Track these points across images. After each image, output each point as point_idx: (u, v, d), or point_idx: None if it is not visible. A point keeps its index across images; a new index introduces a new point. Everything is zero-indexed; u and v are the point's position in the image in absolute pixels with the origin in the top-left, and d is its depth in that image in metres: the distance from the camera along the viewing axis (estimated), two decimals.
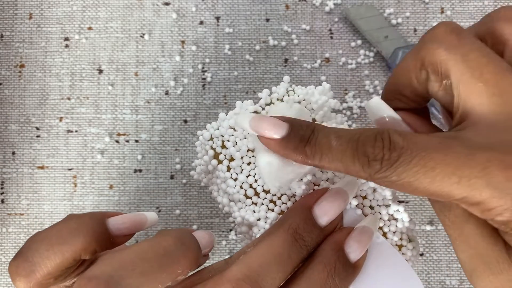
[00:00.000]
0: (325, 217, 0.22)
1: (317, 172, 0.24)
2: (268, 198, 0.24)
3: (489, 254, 0.20)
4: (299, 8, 0.38)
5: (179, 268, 0.21)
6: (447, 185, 0.18)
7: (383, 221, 0.25)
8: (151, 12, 0.38)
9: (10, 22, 0.38)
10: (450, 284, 0.35)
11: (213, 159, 0.25)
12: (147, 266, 0.20)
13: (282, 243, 0.21)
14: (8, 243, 0.36)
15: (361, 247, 0.22)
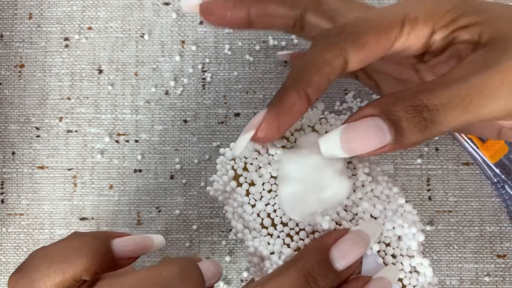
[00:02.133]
0: (343, 261, 0.21)
1: (341, 211, 0.23)
2: (286, 231, 0.23)
3: None
4: None
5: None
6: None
7: (404, 273, 0.23)
8: (151, 12, 0.38)
9: (10, 22, 0.38)
10: (450, 284, 0.35)
11: (233, 180, 0.24)
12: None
13: (293, 285, 0.20)
14: (8, 243, 0.36)
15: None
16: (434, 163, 0.37)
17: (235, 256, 0.36)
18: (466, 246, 0.36)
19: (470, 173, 0.36)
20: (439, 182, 0.36)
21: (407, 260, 0.23)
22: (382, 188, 0.24)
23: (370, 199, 0.23)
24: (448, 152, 0.37)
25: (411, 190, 0.36)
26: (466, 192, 0.36)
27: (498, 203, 0.36)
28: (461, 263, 0.36)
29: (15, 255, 0.36)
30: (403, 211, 0.24)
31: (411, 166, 0.37)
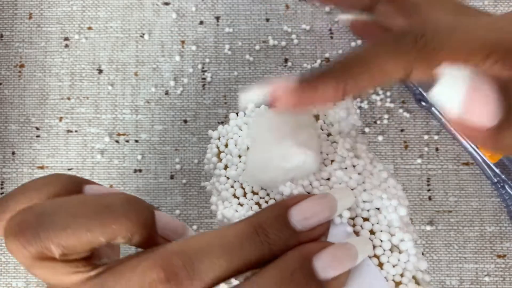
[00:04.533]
0: (301, 219, 0.19)
1: (314, 181, 0.22)
2: (255, 199, 0.22)
3: None
4: (299, 8, 0.38)
5: (115, 224, 0.19)
6: None
7: (383, 250, 0.21)
8: (151, 12, 0.38)
9: (10, 22, 0.38)
10: (450, 284, 0.35)
11: (215, 157, 0.24)
12: (81, 209, 0.19)
13: (237, 232, 0.19)
14: None
15: (335, 266, 0.19)
16: (434, 163, 0.36)
17: None
18: (466, 246, 0.36)
19: (470, 173, 0.36)
20: (439, 182, 0.36)
21: (386, 235, 0.21)
22: (364, 164, 0.23)
23: (349, 172, 0.22)
24: (448, 152, 0.37)
25: (411, 190, 0.36)
26: (466, 192, 0.36)
27: (498, 203, 0.36)
28: (461, 263, 0.36)
29: None
30: (387, 187, 0.22)
31: (411, 166, 0.37)
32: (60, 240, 0.19)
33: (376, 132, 0.37)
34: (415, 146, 0.37)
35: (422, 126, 0.37)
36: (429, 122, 0.37)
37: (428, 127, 0.37)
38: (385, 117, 0.37)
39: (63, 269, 0.19)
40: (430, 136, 0.37)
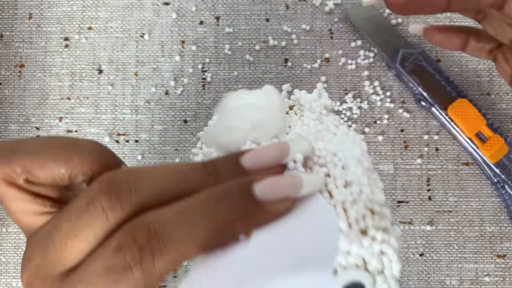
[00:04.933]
0: (251, 157, 0.20)
1: (274, 139, 0.22)
2: None
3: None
4: (299, 8, 0.38)
5: (77, 158, 0.20)
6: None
7: (336, 186, 0.20)
8: (151, 12, 0.38)
9: (10, 22, 0.38)
10: (450, 284, 0.35)
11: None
12: (50, 142, 0.21)
13: (188, 165, 0.19)
14: (8, 243, 0.36)
15: (275, 189, 0.19)
16: (434, 163, 0.36)
17: None
18: (466, 246, 0.36)
19: (470, 173, 0.36)
20: (439, 182, 0.36)
21: (340, 171, 0.20)
22: (328, 127, 0.23)
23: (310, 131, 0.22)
24: (448, 152, 0.37)
25: (411, 190, 0.36)
26: (466, 192, 0.36)
27: (498, 203, 0.36)
28: (461, 263, 0.36)
29: (15, 255, 0.36)
30: (345, 135, 0.22)
31: (411, 166, 0.37)
32: (26, 164, 0.20)
33: (376, 132, 0.37)
34: (415, 146, 0.37)
35: (422, 126, 0.37)
36: (429, 122, 0.37)
37: (428, 127, 0.37)
38: (385, 117, 0.37)
39: (30, 204, 0.21)
40: (430, 136, 0.37)
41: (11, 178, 0.21)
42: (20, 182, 0.21)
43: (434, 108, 0.36)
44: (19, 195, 0.21)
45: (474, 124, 0.35)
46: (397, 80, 0.37)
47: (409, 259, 0.36)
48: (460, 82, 0.37)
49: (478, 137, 0.35)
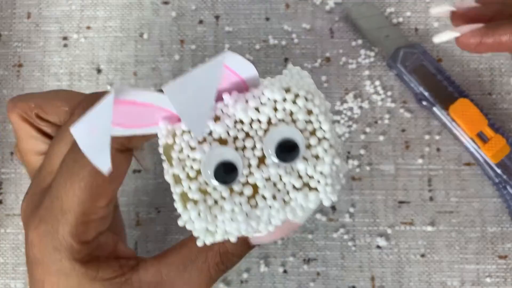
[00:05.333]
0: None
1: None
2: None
3: None
4: (299, 7, 0.38)
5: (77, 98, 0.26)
6: None
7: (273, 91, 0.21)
8: (150, 11, 0.38)
9: (8, 22, 0.38)
10: (451, 285, 0.35)
11: None
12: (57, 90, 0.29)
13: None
14: (6, 243, 0.36)
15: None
16: (436, 163, 0.36)
17: None
18: (468, 247, 0.36)
19: (471, 174, 0.36)
20: (441, 182, 0.36)
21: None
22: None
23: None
24: (449, 152, 0.36)
25: (412, 190, 0.36)
26: (468, 193, 0.36)
27: (499, 204, 0.36)
28: (462, 264, 0.35)
29: (14, 256, 0.36)
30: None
31: (412, 167, 0.36)
32: (38, 102, 0.26)
33: (377, 132, 0.37)
34: (416, 146, 0.37)
35: (423, 126, 0.37)
36: (430, 122, 0.37)
37: (429, 127, 0.37)
38: (386, 117, 0.37)
39: (38, 143, 0.27)
40: (432, 136, 0.37)
41: (26, 115, 0.26)
42: (33, 118, 0.26)
43: (435, 108, 0.35)
44: (31, 132, 0.26)
45: (475, 124, 0.34)
46: (398, 79, 0.37)
47: (410, 259, 0.35)
48: (462, 81, 0.37)
49: (480, 137, 0.35)
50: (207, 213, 0.21)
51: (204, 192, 0.21)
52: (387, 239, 0.36)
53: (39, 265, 0.23)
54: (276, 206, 0.21)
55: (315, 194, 0.21)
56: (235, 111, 0.21)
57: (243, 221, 0.21)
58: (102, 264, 0.23)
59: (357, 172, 0.36)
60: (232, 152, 0.21)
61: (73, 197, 0.22)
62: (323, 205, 0.22)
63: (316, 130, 0.21)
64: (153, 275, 0.24)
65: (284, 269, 0.36)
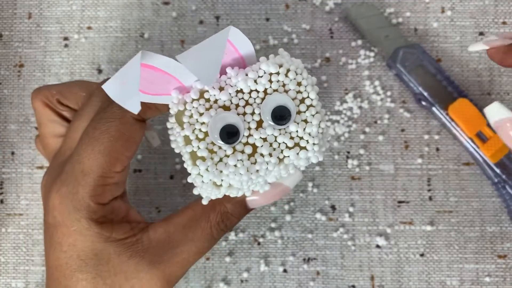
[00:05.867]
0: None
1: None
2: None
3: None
4: (299, 8, 0.38)
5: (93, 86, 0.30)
6: None
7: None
8: (151, 12, 0.38)
9: (9, 22, 0.38)
10: (450, 284, 0.35)
11: None
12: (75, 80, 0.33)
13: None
14: (7, 243, 0.36)
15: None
16: (435, 163, 0.36)
17: (235, 256, 0.36)
18: (467, 246, 0.36)
19: (470, 173, 0.36)
20: (440, 182, 0.36)
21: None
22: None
23: None
24: (448, 152, 0.36)
25: (411, 190, 0.36)
26: (467, 192, 0.36)
27: (498, 203, 0.36)
28: (461, 264, 0.36)
29: (15, 255, 0.36)
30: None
31: (411, 166, 0.36)
32: (59, 89, 0.29)
33: (376, 132, 0.37)
34: (416, 146, 0.37)
35: (423, 126, 0.37)
36: (430, 122, 0.37)
37: (428, 127, 0.37)
38: (386, 117, 0.37)
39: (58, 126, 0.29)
40: (431, 136, 0.37)
41: (48, 101, 0.29)
42: (54, 103, 0.29)
43: (434, 108, 0.36)
44: (52, 116, 0.29)
45: (474, 124, 0.35)
46: (398, 79, 0.37)
47: (409, 259, 0.36)
48: (461, 81, 0.37)
49: (479, 137, 0.35)
50: (214, 168, 0.24)
51: (211, 151, 0.24)
52: (386, 239, 0.36)
53: (58, 227, 0.26)
54: (272, 161, 0.24)
55: (304, 152, 0.24)
56: (237, 82, 0.24)
57: (244, 174, 0.24)
58: (115, 226, 0.26)
59: (356, 172, 0.36)
60: (234, 117, 0.24)
61: (94, 160, 0.25)
62: (313, 162, 0.25)
63: (305, 98, 0.25)
64: (161, 234, 0.26)
65: (284, 268, 0.36)
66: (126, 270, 0.25)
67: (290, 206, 0.36)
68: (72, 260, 0.25)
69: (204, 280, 0.36)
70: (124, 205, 0.28)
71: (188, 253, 0.26)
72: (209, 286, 0.36)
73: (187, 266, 0.27)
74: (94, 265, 0.25)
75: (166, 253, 0.26)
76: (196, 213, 0.27)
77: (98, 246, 0.25)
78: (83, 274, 0.25)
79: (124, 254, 0.25)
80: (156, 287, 0.26)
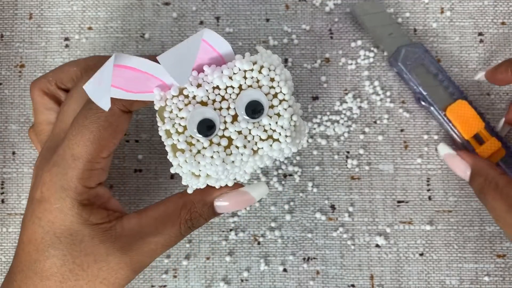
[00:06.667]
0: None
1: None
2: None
3: None
4: (299, 8, 0.38)
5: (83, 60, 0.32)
6: None
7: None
8: (151, 12, 0.38)
9: (10, 22, 0.38)
10: (450, 283, 0.35)
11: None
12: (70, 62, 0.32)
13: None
14: (8, 243, 0.36)
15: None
16: (434, 163, 0.37)
17: (235, 256, 0.36)
18: (466, 246, 0.36)
19: None
20: (439, 182, 0.36)
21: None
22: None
23: None
24: None
25: (411, 190, 0.36)
26: (466, 192, 0.36)
27: None
28: (461, 263, 0.36)
29: None
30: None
31: (411, 166, 0.37)
32: (54, 74, 0.31)
33: (376, 132, 0.37)
34: (415, 146, 0.37)
35: (422, 126, 0.37)
36: (429, 122, 0.37)
37: (427, 127, 0.37)
38: (385, 117, 0.37)
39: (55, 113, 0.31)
40: (430, 136, 0.37)
41: (47, 89, 0.31)
42: (53, 89, 0.31)
43: (433, 108, 0.36)
44: (49, 104, 0.31)
45: (472, 126, 0.34)
46: (397, 80, 0.37)
47: (409, 259, 0.36)
48: (460, 82, 0.37)
49: (476, 140, 0.35)
50: (192, 160, 0.25)
51: (190, 143, 0.26)
52: (386, 238, 0.36)
53: (43, 202, 0.27)
54: (247, 153, 0.26)
55: (277, 144, 0.26)
56: (213, 79, 0.26)
57: (220, 164, 0.25)
58: (94, 211, 0.28)
59: (356, 171, 0.37)
60: (211, 111, 0.26)
61: (84, 147, 0.27)
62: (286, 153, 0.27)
63: (277, 93, 0.26)
64: (134, 224, 0.28)
65: (284, 267, 0.36)
66: (96, 252, 0.27)
67: (290, 205, 0.36)
68: (48, 235, 0.27)
69: (204, 280, 0.36)
70: (106, 192, 0.30)
71: (156, 244, 0.28)
72: (209, 285, 0.36)
73: (153, 256, 0.28)
74: (68, 243, 0.27)
75: (136, 242, 0.28)
76: (169, 209, 0.29)
77: (75, 226, 0.27)
78: (55, 250, 0.27)
79: (97, 238, 0.27)
80: (122, 271, 0.27)
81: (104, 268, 0.27)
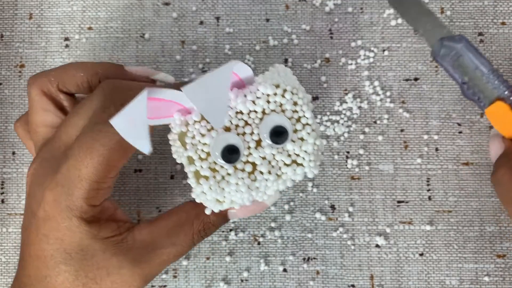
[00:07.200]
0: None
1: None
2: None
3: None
4: (299, 8, 0.38)
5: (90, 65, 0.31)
6: None
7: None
8: (151, 12, 0.38)
9: (10, 22, 0.38)
10: (450, 284, 0.35)
11: None
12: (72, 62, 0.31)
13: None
14: (8, 243, 0.36)
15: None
16: (434, 163, 0.37)
17: (235, 256, 0.36)
18: (466, 246, 0.36)
19: (470, 173, 0.36)
20: (439, 182, 0.36)
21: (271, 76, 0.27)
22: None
23: None
24: (448, 152, 0.37)
25: (411, 190, 0.36)
26: (466, 192, 0.36)
27: (497, 203, 0.36)
28: (461, 263, 0.36)
29: (15, 255, 0.36)
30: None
31: (411, 166, 0.37)
32: (57, 74, 0.30)
33: (376, 132, 0.37)
34: (415, 146, 0.37)
35: (422, 126, 0.37)
36: (429, 122, 0.37)
37: (427, 127, 0.37)
38: (385, 117, 0.37)
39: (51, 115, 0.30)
40: (430, 136, 0.37)
41: (47, 89, 0.30)
42: (54, 91, 0.30)
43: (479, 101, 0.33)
44: (48, 105, 0.30)
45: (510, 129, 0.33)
46: (397, 80, 0.37)
47: (408, 259, 0.36)
48: None
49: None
50: (216, 187, 0.25)
51: (213, 170, 0.25)
52: (386, 238, 0.36)
53: (48, 221, 0.27)
54: (271, 179, 0.25)
55: (301, 169, 0.26)
56: (236, 104, 0.25)
57: (245, 191, 0.25)
58: (102, 225, 0.27)
59: (356, 171, 0.37)
60: (235, 137, 0.25)
61: (91, 168, 0.26)
62: (308, 177, 0.27)
63: (301, 117, 0.26)
64: (146, 235, 0.28)
65: (284, 268, 0.36)
66: (108, 265, 0.27)
67: (290, 205, 0.36)
68: (58, 252, 0.27)
69: (204, 280, 0.36)
70: (112, 205, 0.29)
71: (168, 255, 0.28)
72: (209, 285, 0.36)
73: (165, 266, 0.28)
74: (79, 259, 0.27)
75: (148, 254, 0.28)
76: (181, 219, 0.29)
77: (85, 242, 0.27)
78: (67, 266, 0.27)
79: (109, 251, 0.27)
80: (135, 283, 0.27)
81: (117, 281, 0.27)
